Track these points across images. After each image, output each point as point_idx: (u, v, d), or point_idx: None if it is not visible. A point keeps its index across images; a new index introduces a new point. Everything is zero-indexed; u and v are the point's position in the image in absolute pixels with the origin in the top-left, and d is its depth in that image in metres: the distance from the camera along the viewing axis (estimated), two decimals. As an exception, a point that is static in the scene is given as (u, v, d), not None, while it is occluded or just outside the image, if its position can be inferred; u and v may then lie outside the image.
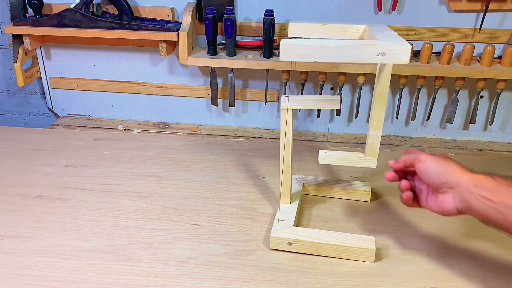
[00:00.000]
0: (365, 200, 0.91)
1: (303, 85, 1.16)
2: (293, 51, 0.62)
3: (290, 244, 0.77)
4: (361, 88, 1.13)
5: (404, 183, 0.71)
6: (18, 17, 1.19)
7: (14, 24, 1.17)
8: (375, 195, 0.93)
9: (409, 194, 0.71)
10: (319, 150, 0.81)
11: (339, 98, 0.79)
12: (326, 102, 0.79)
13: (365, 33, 0.78)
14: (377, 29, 0.73)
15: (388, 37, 0.66)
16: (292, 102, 0.78)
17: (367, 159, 0.80)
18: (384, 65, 0.69)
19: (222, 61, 1.11)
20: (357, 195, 0.91)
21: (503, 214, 0.58)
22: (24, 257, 0.77)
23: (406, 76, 1.09)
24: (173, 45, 1.17)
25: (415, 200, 0.72)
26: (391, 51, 0.61)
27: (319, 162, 0.81)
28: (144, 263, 0.75)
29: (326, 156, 0.81)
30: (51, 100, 1.35)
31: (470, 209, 0.62)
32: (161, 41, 1.12)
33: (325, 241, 0.75)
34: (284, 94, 1.18)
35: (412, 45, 1.04)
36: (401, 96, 1.13)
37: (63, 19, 1.14)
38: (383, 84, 0.71)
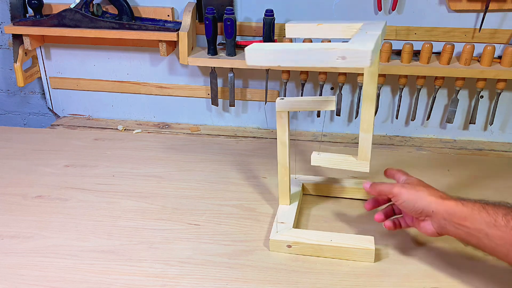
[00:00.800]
0: (365, 199, 0.91)
1: (303, 85, 1.16)
2: (257, 56, 0.62)
3: (289, 246, 0.77)
4: (361, 88, 1.13)
5: (387, 223, 0.77)
6: (18, 17, 1.19)
7: (14, 24, 1.17)
8: (376, 195, 0.92)
9: (388, 224, 0.77)
10: (313, 152, 0.82)
11: (335, 99, 0.79)
12: (322, 103, 0.79)
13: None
14: (365, 28, 0.72)
15: (359, 39, 0.64)
16: (287, 104, 0.78)
17: (359, 163, 0.81)
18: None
19: (222, 61, 1.11)
20: (357, 194, 0.91)
21: (478, 238, 0.62)
22: (24, 257, 0.77)
23: (406, 76, 1.09)
24: (173, 45, 1.17)
25: (399, 225, 0.77)
26: (350, 55, 0.60)
27: (311, 164, 0.81)
28: (144, 263, 0.75)
29: (318, 158, 0.81)
30: (51, 100, 1.35)
31: (448, 233, 0.67)
32: (161, 41, 1.12)
33: (324, 242, 0.75)
34: (284, 94, 1.18)
35: (412, 44, 1.04)
36: (401, 96, 1.13)
37: (63, 19, 1.14)
38: (368, 86, 0.72)
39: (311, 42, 1.08)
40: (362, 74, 1.10)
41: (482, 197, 0.91)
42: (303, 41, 1.08)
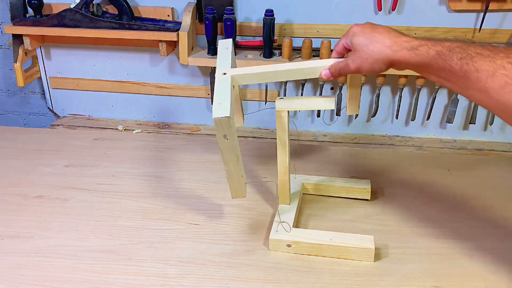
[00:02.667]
0: (365, 198, 0.91)
1: (303, 85, 1.16)
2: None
3: (289, 246, 0.77)
4: (361, 88, 1.13)
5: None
6: (18, 17, 1.19)
7: (14, 24, 1.17)
8: (375, 194, 0.92)
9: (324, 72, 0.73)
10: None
11: (334, 98, 0.79)
12: (321, 102, 0.79)
13: None
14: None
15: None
16: (287, 103, 0.78)
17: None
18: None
19: (222, 61, 1.11)
20: (357, 194, 0.91)
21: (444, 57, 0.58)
22: (24, 257, 0.77)
23: (406, 76, 1.09)
24: (173, 45, 1.17)
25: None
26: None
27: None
28: (144, 263, 0.75)
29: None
30: (51, 100, 1.35)
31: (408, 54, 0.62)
32: (161, 41, 1.12)
33: (324, 242, 0.75)
34: (284, 94, 1.18)
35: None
36: (401, 96, 1.13)
37: (63, 19, 1.14)
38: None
39: (311, 42, 1.08)
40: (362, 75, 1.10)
41: (482, 198, 0.92)
42: (303, 42, 1.08)
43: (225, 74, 0.74)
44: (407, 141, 1.20)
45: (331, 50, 1.09)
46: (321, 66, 0.74)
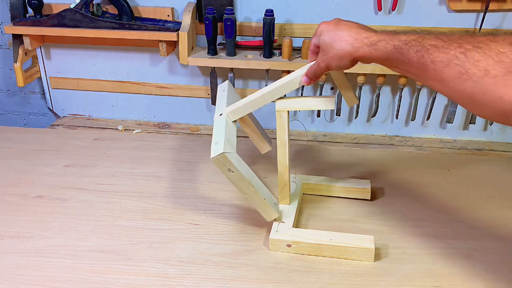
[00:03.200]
0: (365, 198, 0.91)
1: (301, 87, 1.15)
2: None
3: (289, 246, 0.77)
4: (361, 88, 1.13)
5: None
6: (18, 17, 1.19)
7: (14, 24, 1.17)
8: (375, 194, 0.92)
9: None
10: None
11: (334, 98, 0.79)
12: (321, 102, 0.79)
13: None
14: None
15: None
16: (287, 103, 0.78)
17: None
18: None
19: (222, 61, 1.11)
20: (357, 194, 0.91)
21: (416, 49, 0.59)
22: (24, 257, 0.77)
23: (406, 76, 1.09)
24: (173, 45, 1.17)
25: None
26: None
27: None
28: (144, 263, 0.75)
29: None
30: (51, 100, 1.35)
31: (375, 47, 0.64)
32: (161, 41, 1.13)
33: (324, 242, 0.75)
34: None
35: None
36: (401, 96, 1.13)
37: (63, 19, 1.14)
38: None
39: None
40: (363, 74, 1.10)
41: (482, 198, 0.91)
42: (303, 42, 1.08)
43: (221, 115, 0.81)
44: (407, 141, 1.20)
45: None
46: (301, 75, 0.76)
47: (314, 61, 0.74)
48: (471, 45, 0.52)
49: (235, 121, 0.81)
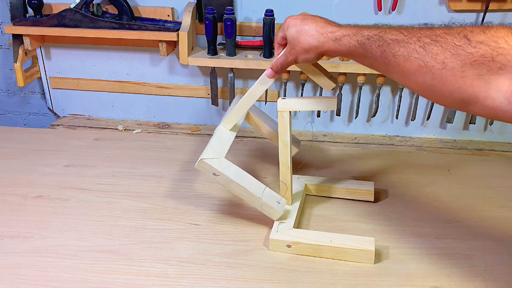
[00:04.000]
0: (368, 200, 0.91)
1: (303, 85, 1.16)
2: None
3: (289, 246, 0.77)
4: (361, 88, 1.13)
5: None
6: (18, 17, 1.19)
7: (14, 24, 1.17)
8: (375, 194, 0.92)
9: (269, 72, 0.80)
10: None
11: (336, 99, 0.79)
12: (323, 103, 0.79)
13: None
14: None
15: None
16: (289, 103, 0.78)
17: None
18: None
19: (222, 61, 1.11)
20: (360, 195, 0.91)
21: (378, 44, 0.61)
22: (24, 257, 0.77)
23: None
24: (173, 45, 1.18)
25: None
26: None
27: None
28: (144, 263, 0.75)
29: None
30: (51, 100, 1.35)
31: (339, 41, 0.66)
32: (161, 41, 1.13)
33: (324, 243, 0.75)
34: (284, 94, 1.18)
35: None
36: (401, 96, 1.13)
37: (63, 19, 1.14)
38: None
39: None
40: (363, 74, 1.10)
41: (482, 198, 0.91)
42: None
43: (218, 128, 0.86)
44: (407, 141, 1.20)
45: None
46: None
47: (281, 54, 0.76)
48: (429, 38, 0.55)
49: (235, 128, 0.87)
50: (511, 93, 0.49)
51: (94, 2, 1.14)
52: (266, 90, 1.18)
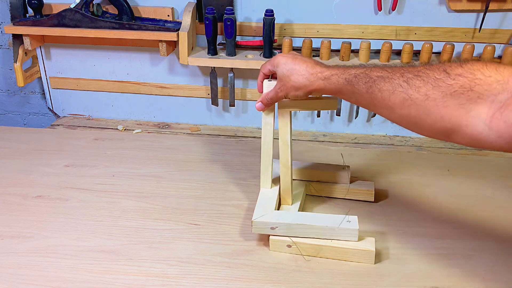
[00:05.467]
0: (368, 200, 0.90)
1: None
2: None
3: (289, 246, 0.77)
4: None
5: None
6: (18, 17, 1.19)
7: (14, 24, 1.17)
8: (378, 195, 0.92)
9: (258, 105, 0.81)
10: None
11: (336, 99, 0.79)
12: (323, 103, 0.79)
13: None
14: None
15: None
16: (290, 103, 0.78)
17: None
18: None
19: (222, 61, 1.11)
20: (361, 195, 0.91)
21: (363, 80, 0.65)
22: (24, 257, 0.77)
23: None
24: (173, 45, 1.18)
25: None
26: None
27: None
28: (144, 263, 0.75)
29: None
30: (51, 100, 1.35)
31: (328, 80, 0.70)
32: (161, 41, 1.13)
33: (324, 243, 0.75)
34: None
35: (412, 44, 1.04)
36: (401, 96, 1.13)
37: (63, 19, 1.14)
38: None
39: (311, 42, 1.08)
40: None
41: (482, 198, 0.91)
42: (303, 42, 1.08)
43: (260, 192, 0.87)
44: (407, 141, 1.20)
45: (331, 50, 1.09)
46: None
47: (271, 90, 0.78)
48: (411, 74, 0.59)
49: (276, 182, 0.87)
50: (490, 119, 0.52)
51: (94, 2, 1.14)
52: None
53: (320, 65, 0.72)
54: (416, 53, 1.08)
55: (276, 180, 0.88)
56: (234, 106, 1.21)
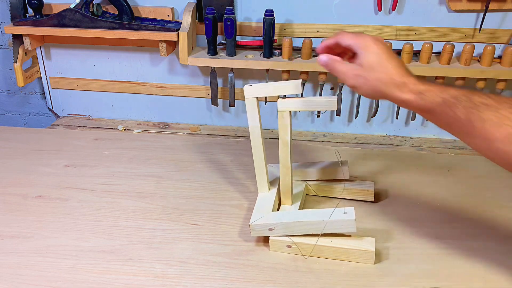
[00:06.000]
0: (368, 200, 0.90)
1: (303, 85, 1.15)
2: None
3: (289, 246, 0.77)
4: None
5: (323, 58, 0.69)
6: (18, 17, 1.19)
7: (14, 24, 1.17)
8: (378, 195, 0.92)
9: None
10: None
11: (336, 99, 0.79)
12: (323, 103, 0.79)
13: None
14: None
15: None
16: (290, 103, 0.78)
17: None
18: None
19: (222, 61, 1.11)
20: (361, 195, 0.91)
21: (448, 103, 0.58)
22: (24, 257, 0.77)
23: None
24: (173, 45, 1.17)
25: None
26: None
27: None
28: (144, 263, 0.75)
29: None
30: (51, 100, 1.35)
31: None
32: (161, 41, 1.12)
33: (324, 243, 0.75)
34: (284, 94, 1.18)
35: (412, 44, 1.04)
36: (401, 96, 1.13)
37: (63, 19, 1.14)
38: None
39: (311, 42, 1.08)
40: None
41: (482, 198, 0.91)
42: (303, 42, 1.08)
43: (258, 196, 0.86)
44: (407, 141, 1.20)
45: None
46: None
47: (347, 65, 0.67)
48: None
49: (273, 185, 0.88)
50: None
51: (94, 2, 1.13)
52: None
53: (410, 73, 0.63)
54: (416, 53, 1.08)
55: (275, 182, 0.88)
56: (234, 106, 1.21)
